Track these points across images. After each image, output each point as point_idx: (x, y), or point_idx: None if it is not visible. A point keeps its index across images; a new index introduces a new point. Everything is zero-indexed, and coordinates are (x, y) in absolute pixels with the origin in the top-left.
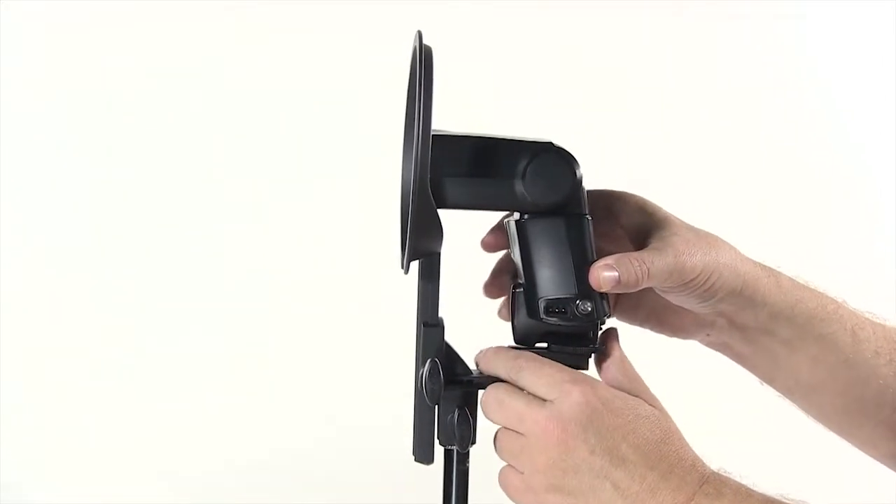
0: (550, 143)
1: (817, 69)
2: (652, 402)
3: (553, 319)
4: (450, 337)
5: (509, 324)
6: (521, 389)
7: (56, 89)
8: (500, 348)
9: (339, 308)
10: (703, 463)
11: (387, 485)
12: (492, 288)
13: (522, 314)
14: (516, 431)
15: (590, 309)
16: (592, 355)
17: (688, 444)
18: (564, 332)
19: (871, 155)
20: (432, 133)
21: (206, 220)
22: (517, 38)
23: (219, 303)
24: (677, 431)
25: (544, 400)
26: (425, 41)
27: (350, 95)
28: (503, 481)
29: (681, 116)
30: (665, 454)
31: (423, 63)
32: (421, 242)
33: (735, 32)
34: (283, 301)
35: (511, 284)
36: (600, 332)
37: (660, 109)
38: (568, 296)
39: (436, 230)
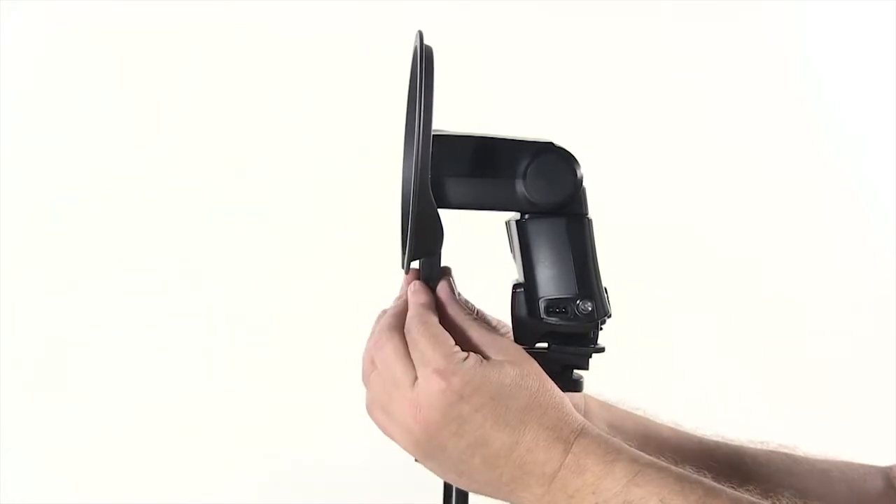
0: (551, 143)
1: (817, 68)
2: (507, 355)
3: (553, 319)
4: None
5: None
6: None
7: (57, 88)
8: (422, 297)
9: (339, 308)
10: (568, 423)
11: (388, 485)
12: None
13: (523, 314)
14: (388, 390)
15: (590, 309)
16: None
17: (552, 399)
18: (565, 331)
19: (870, 155)
20: (433, 133)
21: (208, 222)
22: (518, 38)
23: (217, 305)
24: (539, 385)
25: (416, 376)
26: (426, 41)
27: (351, 95)
28: (373, 419)
29: (681, 116)
30: (530, 425)
31: (423, 63)
32: (422, 243)
33: (735, 32)
34: (282, 303)
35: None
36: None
37: (660, 109)
38: (569, 296)
39: (437, 231)
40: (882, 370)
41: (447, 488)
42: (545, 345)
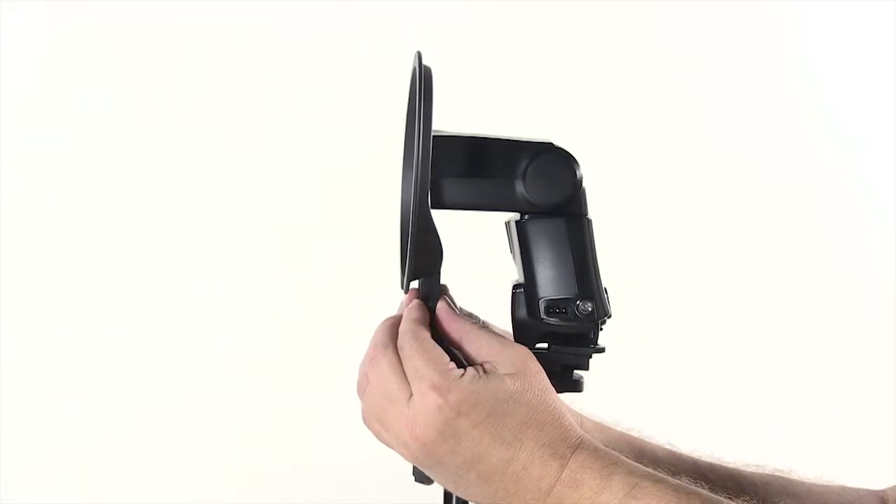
0: (551, 144)
1: (817, 68)
2: (514, 366)
3: (553, 320)
4: None
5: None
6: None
7: (57, 88)
8: (414, 313)
9: (339, 308)
10: (565, 439)
11: (388, 486)
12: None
13: (523, 314)
14: (384, 405)
15: (590, 309)
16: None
17: (550, 415)
18: (565, 332)
19: (870, 155)
20: (433, 133)
21: (208, 223)
22: (518, 38)
23: (217, 305)
24: (538, 401)
25: (411, 392)
26: (426, 53)
27: (351, 95)
28: (371, 430)
29: (681, 116)
30: (527, 442)
31: (423, 88)
32: (421, 264)
33: (735, 32)
34: (282, 303)
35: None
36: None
37: (660, 109)
38: (568, 296)
39: (436, 252)
40: (882, 370)
41: (447, 490)
42: (545, 345)
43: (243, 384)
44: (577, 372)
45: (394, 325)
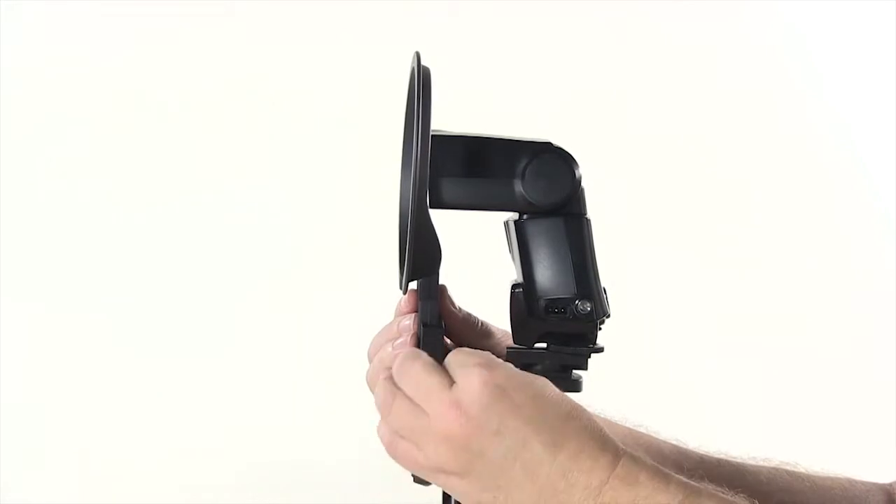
0: (549, 143)
1: (816, 69)
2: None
3: (552, 319)
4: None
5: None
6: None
7: (56, 87)
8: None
9: (339, 308)
10: (615, 442)
11: (388, 485)
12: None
13: (521, 314)
14: (419, 406)
15: (589, 309)
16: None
17: (596, 421)
18: (564, 332)
19: (870, 155)
20: (432, 133)
21: (208, 223)
22: (516, 38)
23: (218, 305)
24: (581, 407)
25: (453, 381)
26: (425, 53)
27: (353, 95)
28: (397, 454)
29: (680, 116)
30: (573, 432)
31: (421, 87)
32: (420, 264)
33: (734, 32)
34: (282, 303)
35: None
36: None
37: (659, 108)
38: (567, 296)
39: (435, 252)
40: (882, 370)
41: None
42: (544, 345)
43: (244, 384)
44: (575, 372)
45: (410, 339)
